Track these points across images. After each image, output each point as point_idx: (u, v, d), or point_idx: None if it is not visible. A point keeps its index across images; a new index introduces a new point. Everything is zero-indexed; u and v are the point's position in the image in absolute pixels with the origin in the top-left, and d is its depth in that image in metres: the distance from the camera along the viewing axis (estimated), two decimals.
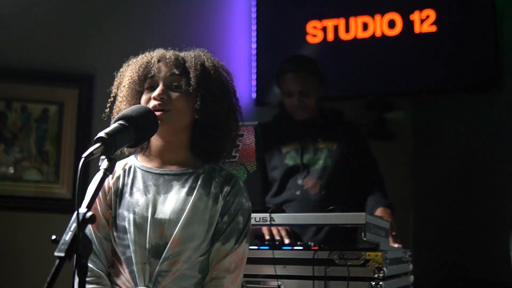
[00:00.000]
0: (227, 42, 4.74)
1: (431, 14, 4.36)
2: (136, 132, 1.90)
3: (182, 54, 2.25)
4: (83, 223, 1.55)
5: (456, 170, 4.49)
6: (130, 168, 2.25)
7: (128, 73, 2.24)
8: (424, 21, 4.37)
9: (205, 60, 2.23)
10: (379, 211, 3.40)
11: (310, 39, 4.63)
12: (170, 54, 2.23)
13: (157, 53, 2.25)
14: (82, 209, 1.57)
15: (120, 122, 1.88)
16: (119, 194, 2.19)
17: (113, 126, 1.85)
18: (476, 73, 4.26)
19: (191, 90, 2.14)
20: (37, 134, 4.42)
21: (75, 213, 1.54)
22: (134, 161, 2.26)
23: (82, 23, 4.63)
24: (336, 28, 4.58)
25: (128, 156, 2.30)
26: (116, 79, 2.30)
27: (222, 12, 4.86)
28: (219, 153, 2.26)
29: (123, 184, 2.21)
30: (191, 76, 2.15)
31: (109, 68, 2.37)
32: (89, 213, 1.56)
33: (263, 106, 4.61)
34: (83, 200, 1.64)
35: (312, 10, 4.70)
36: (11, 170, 4.37)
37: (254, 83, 4.71)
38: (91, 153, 1.69)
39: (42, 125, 4.43)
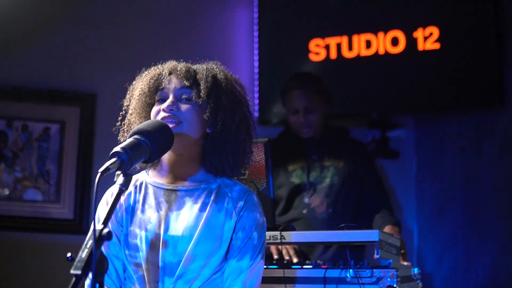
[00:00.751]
0: (229, 60, 4.71)
1: (434, 31, 4.35)
2: (151, 147, 1.86)
3: (194, 66, 2.20)
4: (99, 240, 1.52)
5: (461, 188, 4.46)
6: (141, 184, 2.20)
7: (139, 84, 2.20)
8: (428, 39, 4.36)
9: (217, 72, 2.18)
10: (387, 229, 3.37)
11: (312, 57, 4.61)
12: (181, 66, 2.18)
13: (169, 65, 2.21)
14: (99, 225, 1.53)
15: (136, 136, 1.84)
16: (130, 211, 2.15)
17: (128, 140, 1.81)
18: (480, 90, 4.25)
19: (200, 102, 2.10)
20: (38, 153, 4.37)
21: (91, 229, 1.50)
22: (145, 177, 2.21)
23: (84, 42, 4.61)
24: (339, 46, 4.57)
25: (139, 171, 2.26)
26: (128, 92, 2.26)
27: (224, 30, 4.85)
28: (232, 168, 2.21)
29: (135, 201, 2.16)
30: (202, 88, 2.10)
31: (110, 87, 2.34)
32: (106, 230, 1.52)
33: (266, 124, 4.58)
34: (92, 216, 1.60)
35: (314, 28, 4.68)
36: (6, 192, 4.31)
37: (256, 101, 4.67)
38: (107, 168, 1.65)
39: (43, 144, 4.38)
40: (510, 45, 4.10)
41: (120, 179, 1.69)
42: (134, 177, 2.23)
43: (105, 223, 1.56)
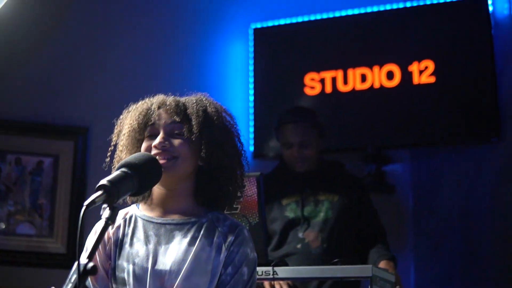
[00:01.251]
0: (224, 94, 4.71)
1: (429, 65, 4.35)
2: (139, 180, 1.83)
3: (183, 99, 2.18)
4: (84, 274, 1.48)
5: (457, 223, 4.43)
6: (131, 217, 2.17)
7: (127, 120, 2.17)
8: (423, 72, 4.37)
9: (207, 105, 2.16)
10: (382, 264, 3.33)
11: (308, 91, 4.61)
12: (170, 100, 2.16)
13: (157, 99, 2.18)
14: (83, 259, 1.50)
15: (123, 169, 1.81)
16: (119, 244, 2.11)
17: (115, 173, 1.78)
18: (476, 123, 4.25)
19: (193, 138, 2.08)
20: (31, 187, 4.34)
21: (76, 263, 1.47)
22: (135, 210, 2.18)
23: (77, 76, 4.60)
24: (334, 79, 4.57)
25: (129, 205, 2.23)
26: (116, 126, 2.23)
27: (219, 64, 4.85)
28: (224, 200, 2.18)
29: (124, 234, 2.13)
30: (193, 123, 2.08)
31: (104, 121, 2.31)
32: (90, 264, 1.49)
33: (261, 158, 4.55)
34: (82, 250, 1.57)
35: (309, 62, 4.69)
36: (2, 226, 4.27)
37: (251, 135, 4.66)
38: (93, 201, 1.62)
39: (37, 177, 4.35)
40: (505, 78, 4.10)
41: (106, 213, 1.66)
42: (124, 211, 2.21)
43: (90, 257, 1.53)
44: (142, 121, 2.13)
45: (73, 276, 1.48)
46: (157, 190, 2.14)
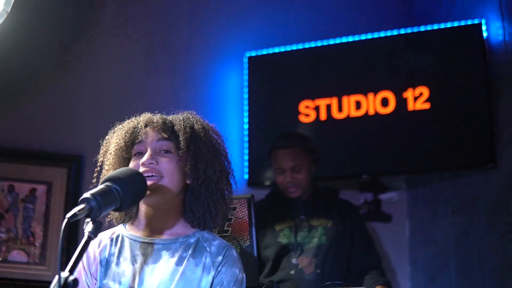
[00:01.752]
0: (219, 122, 4.67)
1: (424, 91, 4.34)
2: (123, 195, 1.80)
3: (170, 117, 2.17)
4: (64, 287, 1.46)
5: (454, 251, 4.38)
6: (117, 237, 2.15)
7: (114, 139, 2.16)
8: (418, 99, 4.35)
9: (194, 122, 2.15)
10: None
11: (302, 119, 4.59)
12: (157, 118, 2.15)
13: (144, 117, 2.17)
14: (64, 273, 1.47)
15: (107, 183, 1.79)
16: (104, 264, 2.09)
17: (99, 187, 1.76)
18: (472, 150, 4.21)
19: (181, 155, 2.06)
20: (24, 214, 4.31)
21: (56, 277, 1.44)
22: (122, 230, 2.16)
23: (70, 104, 4.59)
24: (328, 107, 4.55)
25: (116, 225, 2.20)
26: (102, 146, 2.22)
27: (214, 92, 4.84)
28: (213, 218, 2.16)
29: (110, 254, 2.10)
30: (181, 140, 2.07)
31: (97, 148, 2.29)
32: (71, 277, 1.46)
33: (256, 186, 4.52)
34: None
35: (304, 89, 4.68)
36: None
37: (246, 163, 4.63)
38: (75, 214, 1.60)
39: (29, 205, 4.32)
40: (500, 105, 4.08)
41: (89, 227, 1.63)
42: (111, 230, 2.18)
43: (72, 270, 1.50)
44: (129, 139, 2.12)
45: None
46: (144, 209, 2.12)
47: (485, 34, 4.24)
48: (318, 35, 4.73)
